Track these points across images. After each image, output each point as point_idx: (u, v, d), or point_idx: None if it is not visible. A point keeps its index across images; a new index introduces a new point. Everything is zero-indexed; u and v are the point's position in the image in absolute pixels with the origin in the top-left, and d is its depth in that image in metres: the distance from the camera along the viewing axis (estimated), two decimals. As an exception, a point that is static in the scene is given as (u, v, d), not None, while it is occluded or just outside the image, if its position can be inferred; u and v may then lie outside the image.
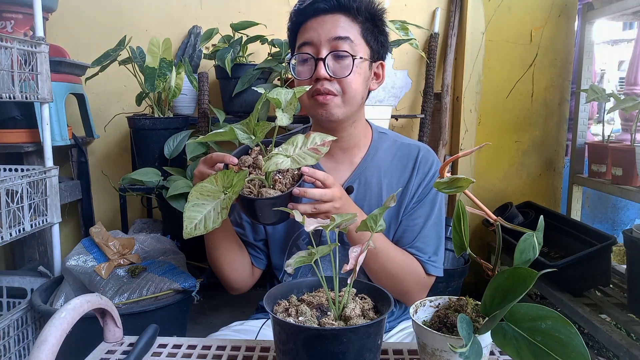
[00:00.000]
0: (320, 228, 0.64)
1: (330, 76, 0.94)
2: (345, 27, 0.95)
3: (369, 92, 1.05)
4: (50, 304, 1.45)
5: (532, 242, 0.56)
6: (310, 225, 0.63)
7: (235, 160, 0.82)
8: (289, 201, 0.80)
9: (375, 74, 1.04)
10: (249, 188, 0.79)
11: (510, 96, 2.32)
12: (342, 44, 0.95)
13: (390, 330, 1.06)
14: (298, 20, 1.00)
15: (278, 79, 1.95)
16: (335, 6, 0.95)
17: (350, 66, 0.95)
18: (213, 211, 0.69)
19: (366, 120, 1.10)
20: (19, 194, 1.39)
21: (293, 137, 0.75)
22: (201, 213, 0.69)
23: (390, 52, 2.09)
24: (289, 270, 0.62)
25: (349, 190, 1.03)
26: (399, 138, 1.11)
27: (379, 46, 1.02)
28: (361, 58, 0.96)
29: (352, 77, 0.95)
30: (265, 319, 1.07)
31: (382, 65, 1.05)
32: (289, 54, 1.76)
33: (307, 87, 0.83)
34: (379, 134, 1.10)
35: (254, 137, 0.77)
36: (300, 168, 0.81)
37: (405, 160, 1.06)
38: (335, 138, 0.76)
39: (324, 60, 0.94)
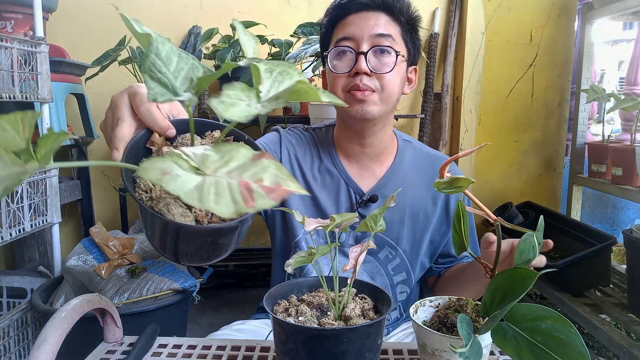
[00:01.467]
0: (321, 228, 0.64)
1: (371, 71, 0.92)
2: (387, 26, 0.94)
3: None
4: (50, 304, 1.45)
5: (532, 242, 0.56)
6: (310, 225, 0.63)
7: (173, 132, 0.54)
8: (233, 236, 0.49)
9: (408, 78, 1.02)
10: (149, 183, 0.48)
11: (510, 96, 2.32)
12: (384, 41, 0.93)
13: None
14: (337, 15, 0.98)
15: (278, 79, 1.95)
16: (379, 4, 0.94)
17: (393, 63, 0.93)
18: None
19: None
20: (19, 194, 1.39)
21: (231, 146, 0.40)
22: None
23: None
24: (289, 270, 0.62)
25: (373, 199, 1.00)
26: (424, 147, 1.10)
27: (415, 50, 1.01)
28: (403, 56, 0.96)
29: (392, 74, 0.93)
30: (267, 319, 1.07)
31: (415, 71, 1.04)
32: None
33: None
34: (403, 142, 1.07)
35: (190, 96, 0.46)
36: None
37: (431, 172, 1.04)
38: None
39: (365, 54, 0.92)
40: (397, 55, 0.93)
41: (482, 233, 2.35)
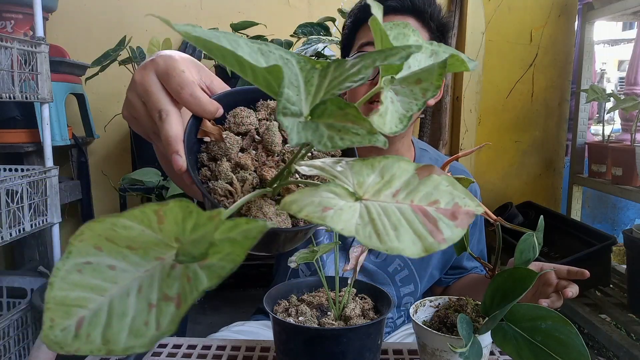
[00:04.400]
0: (323, 227, 0.64)
1: None
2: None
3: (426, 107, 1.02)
4: (50, 304, 1.45)
5: (532, 242, 0.56)
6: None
7: (221, 112, 0.45)
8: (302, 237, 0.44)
9: None
10: (226, 185, 0.41)
11: (510, 96, 2.32)
12: None
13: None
14: (362, 17, 0.92)
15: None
16: (408, 7, 0.88)
17: None
18: (136, 297, 0.24)
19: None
20: (19, 194, 1.39)
21: None
22: (99, 297, 0.25)
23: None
24: (293, 265, 0.62)
25: None
26: (440, 157, 1.07)
27: None
28: None
29: None
30: (266, 320, 1.07)
31: (443, 81, 1.01)
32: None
33: None
34: (420, 151, 1.04)
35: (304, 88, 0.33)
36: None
37: None
38: None
39: None
40: None
41: (482, 233, 2.28)
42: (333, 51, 1.93)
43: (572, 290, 0.73)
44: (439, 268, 1.04)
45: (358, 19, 0.93)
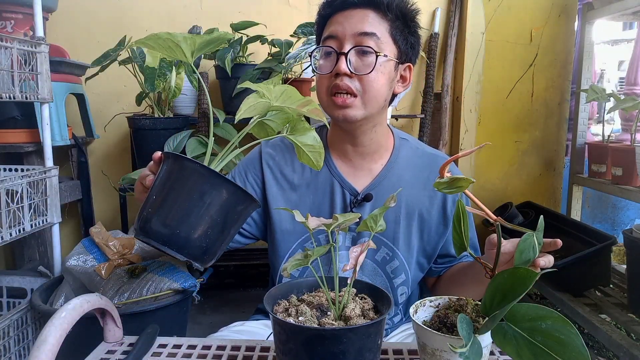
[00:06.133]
0: (323, 227, 0.64)
1: (351, 72, 0.90)
2: (373, 23, 0.92)
3: (394, 95, 1.01)
4: (50, 304, 1.45)
5: (532, 242, 0.56)
6: (312, 224, 0.63)
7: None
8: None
9: (401, 76, 1.00)
10: None
11: (510, 96, 2.32)
12: (368, 40, 0.90)
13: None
14: (326, 13, 0.97)
15: (278, 79, 1.95)
16: (364, 0, 0.92)
17: (374, 63, 0.91)
18: None
19: (387, 125, 1.06)
20: (19, 194, 1.39)
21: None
22: None
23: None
24: (285, 274, 0.62)
25: (367, 197, 0.99)
26: (421, 146, 1.08)
27: (408, 47, 0.97)
28: (386, 56, 0.92)
29: (374, 75, 0.91)
30: (266, 320, 1.07)
31: (410, 68, 1.01)
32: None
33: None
34: (400, 140, 1.06)
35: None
36: None
37: (427, 171, 1.03)
38: None
39: (346, 54, 0.90)
40: (377, 56, 0.91)
41: (482, 233, 2.35)
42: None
43: (545, 260, 0.73)
44: (425, 256, 1.04)
45: (323, 15, 0.98)
